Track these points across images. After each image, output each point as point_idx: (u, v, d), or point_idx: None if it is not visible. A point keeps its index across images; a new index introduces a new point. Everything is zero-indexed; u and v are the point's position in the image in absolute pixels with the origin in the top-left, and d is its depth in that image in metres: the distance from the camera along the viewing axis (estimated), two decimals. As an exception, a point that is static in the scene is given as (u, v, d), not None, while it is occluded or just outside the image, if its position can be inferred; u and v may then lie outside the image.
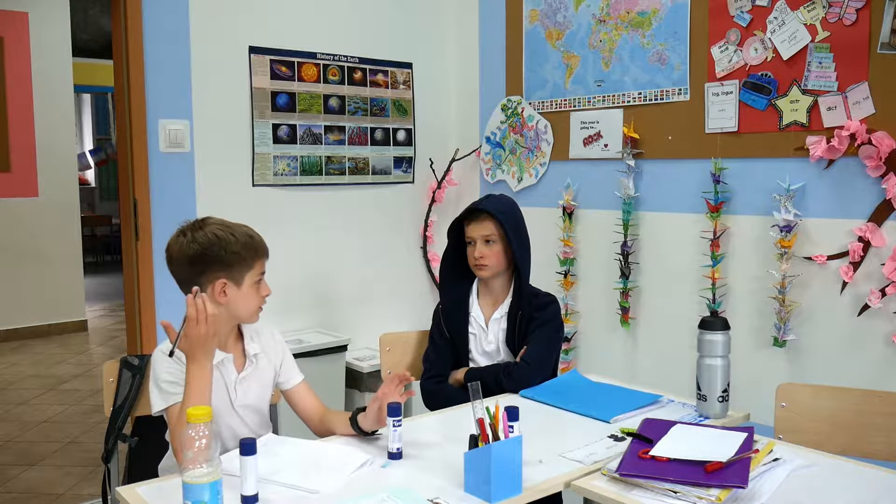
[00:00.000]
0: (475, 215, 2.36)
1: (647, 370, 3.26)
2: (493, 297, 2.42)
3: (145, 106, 3.14)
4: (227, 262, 1.80)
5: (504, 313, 2.38)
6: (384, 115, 3.85)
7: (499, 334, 2.38)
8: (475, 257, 2.33)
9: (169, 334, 1.71)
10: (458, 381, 2.33)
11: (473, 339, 2.39)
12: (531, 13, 3.64)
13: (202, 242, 1.79)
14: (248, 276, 1.84)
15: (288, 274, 3.49)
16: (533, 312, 2.34)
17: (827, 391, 1.94)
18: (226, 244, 1.80)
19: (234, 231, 1.84)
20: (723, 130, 2.94)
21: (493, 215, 2.32)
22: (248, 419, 1.91)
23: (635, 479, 1.52)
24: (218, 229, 1.82)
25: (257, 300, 1.87)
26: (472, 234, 2.35)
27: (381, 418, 1.76)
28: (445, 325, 2.40)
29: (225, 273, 1.80)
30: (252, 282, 1.85)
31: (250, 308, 1.86)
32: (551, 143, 3.59)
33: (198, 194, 3.28)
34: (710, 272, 2.95)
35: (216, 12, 3.31)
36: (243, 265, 1.82)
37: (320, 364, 3.33)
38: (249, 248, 1.83)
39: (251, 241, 1.85)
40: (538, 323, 2.33)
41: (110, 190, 11.46)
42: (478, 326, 2.39)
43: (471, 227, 2.36)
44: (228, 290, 1.81)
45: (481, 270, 2.35)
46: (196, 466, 1.35)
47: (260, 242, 1.88)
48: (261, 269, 1.87)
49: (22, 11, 6.30)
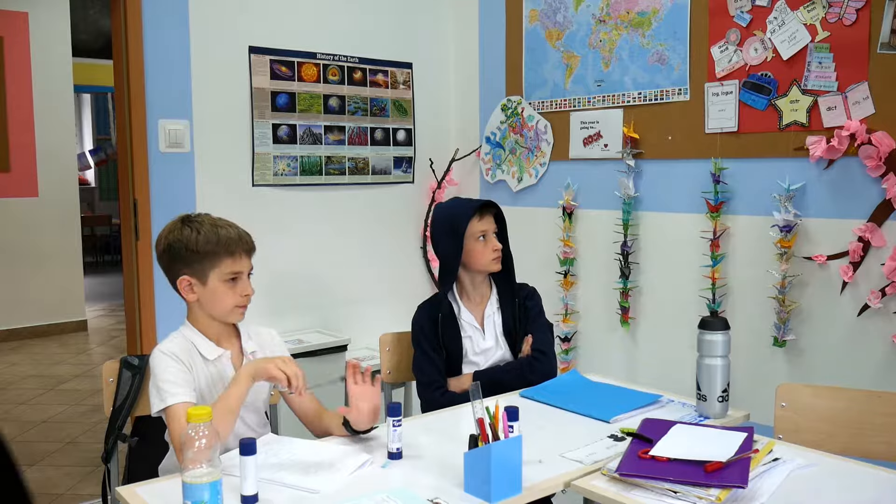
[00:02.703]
0: (487, 209, 2.36)
1: (646, 370, 3.26)
2: (479, 294, 2.40)
3: (145, 106, 3.14)
4: (186, 259, 1.82)
5: (496, 308, 2.38)
6: (384, 115, 3.85)
7: (495, 330, 2.37)
8: (495, 249, 2.33)
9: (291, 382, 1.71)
10: (465, 388, 2.28)
11: (468, 342, 2.35)
12: (531, 13, 3.64)
13: (169, 239, 1.84)
14: (213, 273, 1.82)
15: (288, 274, 3.50)
16: (525, 302, 2.39)
17: (827, 391, 1.94)
18: (186, 242, 1.81)
19: (203, 229, 1.82)
20: (723, 130, 2.94)
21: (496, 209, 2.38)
22: (247, 418, 1.91)
23: (635, 479, 1.52)
24: (189, 227, 1.83)
25: (231, 299, 1.84)
26: (485, 227, 2.34)
27: (367, 418, 1.76)
28: (441, 335, 2.32)
29: (188, 270, 1.82)
30: (219, 280, 1.82)
31: (223, 306, 1.84)
32: (551, 143, 3.59)
33: (198, 194, 3.28)
34: (710, 272, 2.95)
35: (216, 12, 3.31)
36: (205, 263, 1.81)
37: (320, 364, 3.33)
38: (212, 245, 1.80)
39: (217, 239, 1.81)
40: (534, 312, 2.38)
41: (110, 190, 11.46)
42: (471, 328, 2.36)
43: (484, 220, 2.35)
44: (195, 287, 1.83)
45: (498, 263, 2.35)
46: (196, 466, 1.35)
47: (229, 240, 1.83)
48: (231, 268, 1.83)
49: (22, 11, 6.30)
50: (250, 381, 1.74)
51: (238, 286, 1.85)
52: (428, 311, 2.35)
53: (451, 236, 2.32)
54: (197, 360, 1.83)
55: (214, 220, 1.87)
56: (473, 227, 2.33)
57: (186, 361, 1.80)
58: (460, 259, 2.33)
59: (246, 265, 1.87)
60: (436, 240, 2.38)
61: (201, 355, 1.84)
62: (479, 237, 2.33)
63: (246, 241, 1.87)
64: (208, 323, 1.88)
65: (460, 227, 2.31)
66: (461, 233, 2.31)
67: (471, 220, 2.33)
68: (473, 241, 2.33)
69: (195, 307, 1.88)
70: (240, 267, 1.85)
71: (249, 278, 1.89)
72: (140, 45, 3.12)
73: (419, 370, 2.33)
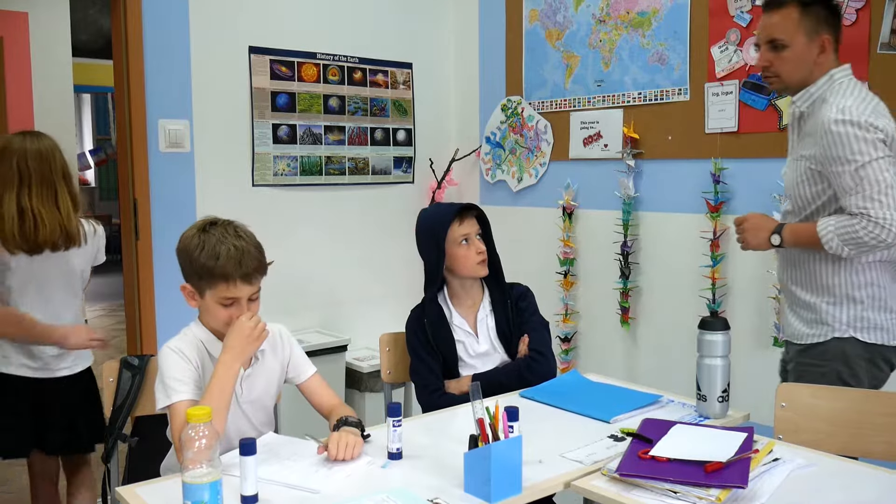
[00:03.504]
0: (467, 213, 2.32)
1: (646, 370, 3.26)
2: (470, 298, 2.37)
3: (145, 106, 3.15)
4: (187, 271, 1.82)
5: (489, 311, 2.37)
6: (384, 115, 3.85)
7: (489, 333, 2.35)
8: (479, 252, 2.29)
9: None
10: (464, 391, 2.27)
11: (461, 346, 2.33)
12: (531, 13, 3.64)
13: (183, 242, 1.83)
14: (210, 293, 1.78)
15: (288, 274, 3.49)
16: (519, 302, 2.36)
17: (826, 391, 1.94)
18: (190, 252, 1.78)
19: (207, 244, 1.76)
20: (723, 130, 2.94)
21: (477, 211, 2.33)
22: (253, 416, 1.90)
23: (635, 479, 1.52)
24: (201, 237, 1.79)
25: (224, 318, 1.78)
26: (467, 231, 2.29)
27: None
28: (433, 339, 2.31)
29: (188, 279, 1.83)
30: (214, 299, 1.77)
31: (216, 322, 1.81)
32: (551, 143, 3.59)
33: (198, 194, 3.28)
34: (710, 272, 2.95)
35: (216, 12, 3.31)
36: (202, 281, 1.78)
37: (320, 364, 3.27)
38: (209, 267, 1.75)
39: (215, 261, 1.74)
40: (528, 312, 2.35)
41: (110, 190, 11.45)
42: (463, 333, 2.34)
43: (465, 224, 2.30)
44: (195, 296, 1.82)
45: (484, 267, 2.31)
46: (196, 466, 1.35)
47: (226, 265, 1.73)
48: (226, 294, 1.76)
49: (22, 11, 6.29)
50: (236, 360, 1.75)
51: (234, 310, 1.78)
52: (417, 315, 2.35)
53: (433, 243, 2.30)
54: (206, 359, 1.83)
55: (225, 236, 1.78)
56: (454, 231, 2.29)
57: (195, 359, 1.79)
58: (443, 266, 2.31)
59: (244, 291, 1.77)
60: (419, 247, 2.36)
61: (210, 354, 1.83)
62: (462, 241, 2.29)
63: (247, 267, 1.76)
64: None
65: (440, 233, 2.28)
66: (442, 238, 2.28)
67: (451, 226, 2.29)
68: (456, 246, 2.29)
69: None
70: (236, 293, 1.76)
71: (254, 301, 1.81)
72: (140, 45, 3.12)
73: (415, 374, 2.33)
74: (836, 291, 2.03)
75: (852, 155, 1.90)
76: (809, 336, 2.08)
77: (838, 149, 1.92)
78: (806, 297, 2.09)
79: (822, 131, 1.95)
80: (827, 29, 2.03)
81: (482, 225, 2.35)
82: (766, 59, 2.08)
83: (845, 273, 2.02)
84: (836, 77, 2.03)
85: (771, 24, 2.05)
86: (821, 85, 2.04)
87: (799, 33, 2.02)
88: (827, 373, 2.03)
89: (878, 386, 2.05)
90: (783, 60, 2.04)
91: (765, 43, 2.07)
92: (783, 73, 2.06)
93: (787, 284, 2.16)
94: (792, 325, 2.14)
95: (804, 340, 2.09)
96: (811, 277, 2.07)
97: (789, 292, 2.16)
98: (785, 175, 2.18)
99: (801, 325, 2.11)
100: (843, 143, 1.91)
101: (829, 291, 2.04)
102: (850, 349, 2.01)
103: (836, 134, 1.91)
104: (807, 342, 2.08)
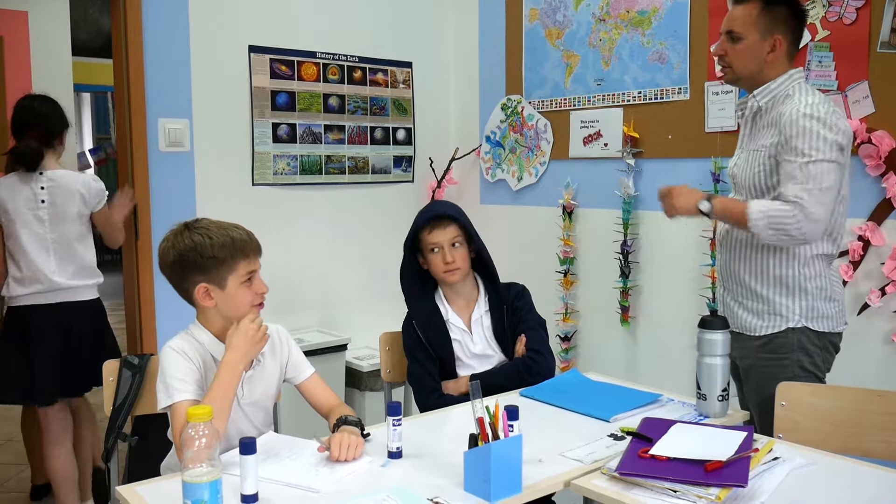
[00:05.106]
0: (438, 222, 2.32)
1: (646, 369, 3.26)
2: (464, 299, 2.38)
3: (145, 105, 3.15)
4: (203, 267, 1.79)
5: (484, 311, 2.37)
6: (384, 114, 3.85)
7: (484, 333, 2.36)
8: (446, 263, 2.29)
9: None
10: (462, 391, 2.28)
11: (458, 345, 2.34)
12: (531, 12, 3.64)
13: (179, 249, 1.79)
14: (232, 278, 1.80)
15: (288, 273, 3.50)
16: (514, 302, 2.36)
17: (826, 390, 1.94)
18: (201, 249, 1.77)
19: (212, 234, 1.79)
20: (723, 129, 2.93)
21: (455, 219, 2.33)
22: (254, 416, 1.90)
23: (635, 478, 1.52)
24: (198, 233, 1.80)
25: (249, 298, 1.83)
26: (438, 239, 2.30)
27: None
28: (426, 340, 2.33)
29: (204, 277, 1.79)
30: (238, 283, 1.81)
31: (241, 308, 1.82)
32: (551, 142, 3.59)
33: (198, 194, 3.29)
34: (710, 271, 2.95)
35: (216, 12, 3.31)
36: (223, 268, 1.79)
37: (320, 363, 3.29)
38: (228, 250, 1.79)
39: (231, 242, 1.79)
40: (524, 312, 2.36)
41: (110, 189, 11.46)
42: (459, 332, 2.35)
43: (434, 234, 2.31)
44: (213, 293, 1.80)
45: (453, 275, 2.31)
46: (196, 465, 1.35)
47: (243, 242, 1.82)
48: (247, 269, 1.82)
49: (22, 11, 6.29)
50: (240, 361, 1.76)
51: (254, 285, 1.84)
52: (409, 317, 2.39)
53: (407, 248, 2.37)
54: (208, 360, 1.82)
55: (219, 224, 1.84)
56: (424, 240, 2.33)
57: (196, 360, 1.79)
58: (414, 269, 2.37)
59: (258, 264, 1.87)
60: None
61: (212, 355, 1.83)
62: (432, 249, 2.32)
63: (255, 240, 1.87)
64: (221, 325, 1.85)
65: (412, 240, 2.35)
66: (416, 246, 2.36)
67: (421, 234, 2.33)
68: (428, 254, 2.33)
69: (209, 310, 1.86)
70: (254, 266, 1.85)
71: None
72: (140, 44, 3.12)
73: (411, 376, 2.35)
74: (789, 283, 2.06)
75: (809, 149, 1.94)
76: (762, 327, 2.10)
77: (799, 140, 1.96)
78: (758, 288, 2.11)
79: (786, 121, 1.99)
80: (783, 30, 2.08)
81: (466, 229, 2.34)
82: (721, 48, 2.15)
83: (797, 265, 2.06)
84: (795, 77, 2.09)
85: (733, 17, 2.12)
86: (782, 82, 2.08)
87: (754, 29, 2.08)
88: (789, 364, 2.06)
89: (830, 369, 2.11)
90: (736, 52, 2.11)
91: (724, 33, 2.14)
92: (734, 64, 2.13)
93: (738, 276, 2.17)
94: (740, 317, 2.16)
95: (757, 332, 2.11)
96: (762, 269, 2.10)
97: (737, 284, 2.17)
98: (734, 168, 2.22)
99: (750, 317, 2.13)
100: (805, 136, 1.95)
101: (781, 283, 2.07)
102: (806, 339, 2.06)
103: (802, 127, 1.96)
104: (760, 333, 2.10)
